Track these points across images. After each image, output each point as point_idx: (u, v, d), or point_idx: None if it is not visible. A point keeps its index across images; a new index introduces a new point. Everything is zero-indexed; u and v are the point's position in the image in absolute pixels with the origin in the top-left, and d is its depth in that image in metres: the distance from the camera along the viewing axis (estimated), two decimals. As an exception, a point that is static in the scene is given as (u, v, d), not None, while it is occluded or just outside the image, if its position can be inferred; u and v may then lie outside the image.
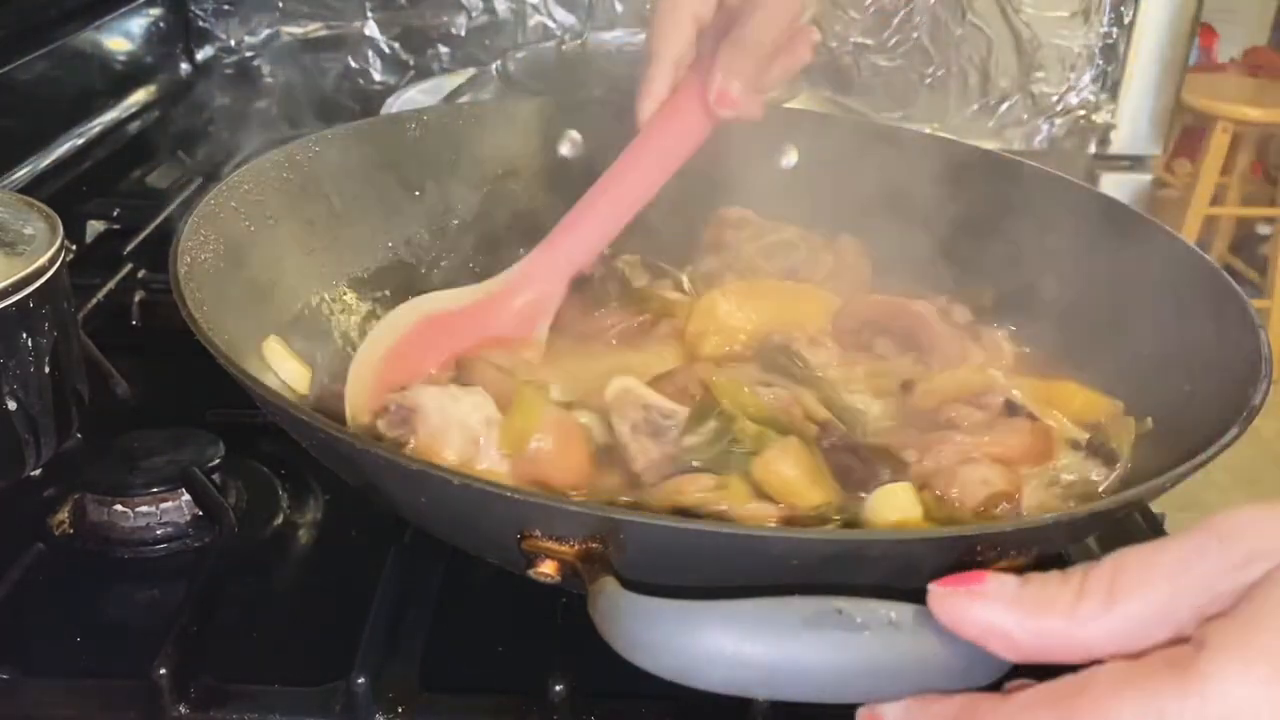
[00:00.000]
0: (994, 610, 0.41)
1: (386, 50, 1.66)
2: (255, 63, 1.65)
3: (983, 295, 0.90)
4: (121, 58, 1.43)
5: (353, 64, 1.67)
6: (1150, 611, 0.38)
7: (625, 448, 0.70)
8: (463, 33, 1.65)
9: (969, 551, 0.49)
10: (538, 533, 0.50)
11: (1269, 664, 0.36)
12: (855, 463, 0.68)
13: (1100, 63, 1.58)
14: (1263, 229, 4.01)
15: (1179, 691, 0.36)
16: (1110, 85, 1.59)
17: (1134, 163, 1.64)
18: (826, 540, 0.51)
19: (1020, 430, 0.72)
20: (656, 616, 0.42)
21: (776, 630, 0.41)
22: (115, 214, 1.18)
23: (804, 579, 0.46)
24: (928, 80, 1.60)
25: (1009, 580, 0.41)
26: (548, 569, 0.50)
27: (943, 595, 0.42)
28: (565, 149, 1.05)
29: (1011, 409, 0.74)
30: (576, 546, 0.49)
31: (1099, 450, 0.73)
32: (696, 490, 0.65)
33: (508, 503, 0.50)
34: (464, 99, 1.26)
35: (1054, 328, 0.85)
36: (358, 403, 0.71)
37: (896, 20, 1.60)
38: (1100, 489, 0.71)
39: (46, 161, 1.21)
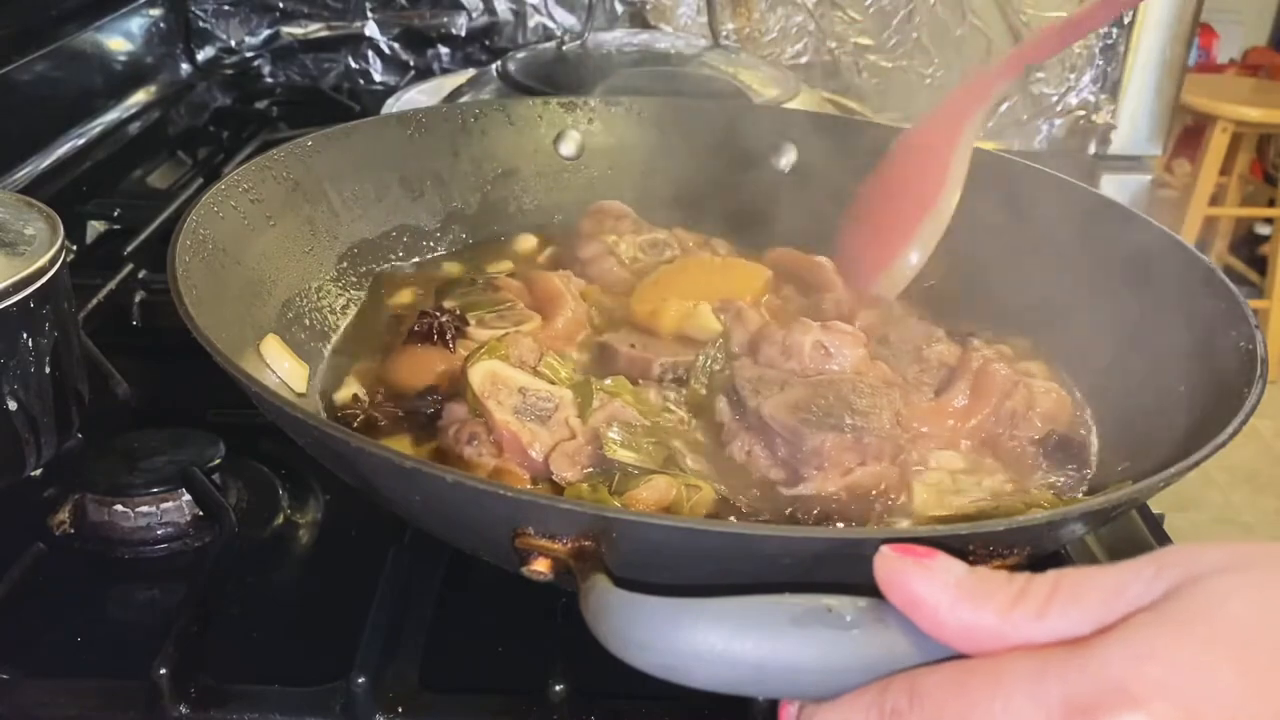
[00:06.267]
0: (931, 586, 0.41)
1: (386, 50, 1.67)
2: (255, 63, 1.66)
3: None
4: (121, 58, 1.43)
5: (353, 64, 1.67)
6: (1077, 628, 0.40)
7: (516, 435, 0.67)
8: (463, 33, 1.65)
9: (962, 550, 0.49)
10: (531, 530, 0.50)
11: (1149, 645, 0.38)
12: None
13: (1100, 63, 1.58)
14: (1262, 229, 4.01)
15: (1067, 655, 0.38)
16: (1110, 85, 1.59)
17: (1134, 163, 1.64)
18: (818, 539, 0.51)
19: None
20: (646, 614, 0.42)
21: (765, 628, 0.41)
22: (115, 214, 1.18)
23: (796, 577, 0.46)
24: (928, 80, 1.61)
25: (957, 565, 0.42)
26: (541, 566, 0.50)
27: (890, 557, 0.42)
28: (565, 149, 1.05)
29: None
30: (569, 544, 0.50)
31: (1068, 445, 0.74)
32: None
33: (501, 501, 0.50)
34: (464, 99, 1.26)
35: (1049, 327, 0.85)
36: None
37: (896, 20, 1.60)
38: (1081, 491, 0.72)
39: (46, 161, 1.22)
